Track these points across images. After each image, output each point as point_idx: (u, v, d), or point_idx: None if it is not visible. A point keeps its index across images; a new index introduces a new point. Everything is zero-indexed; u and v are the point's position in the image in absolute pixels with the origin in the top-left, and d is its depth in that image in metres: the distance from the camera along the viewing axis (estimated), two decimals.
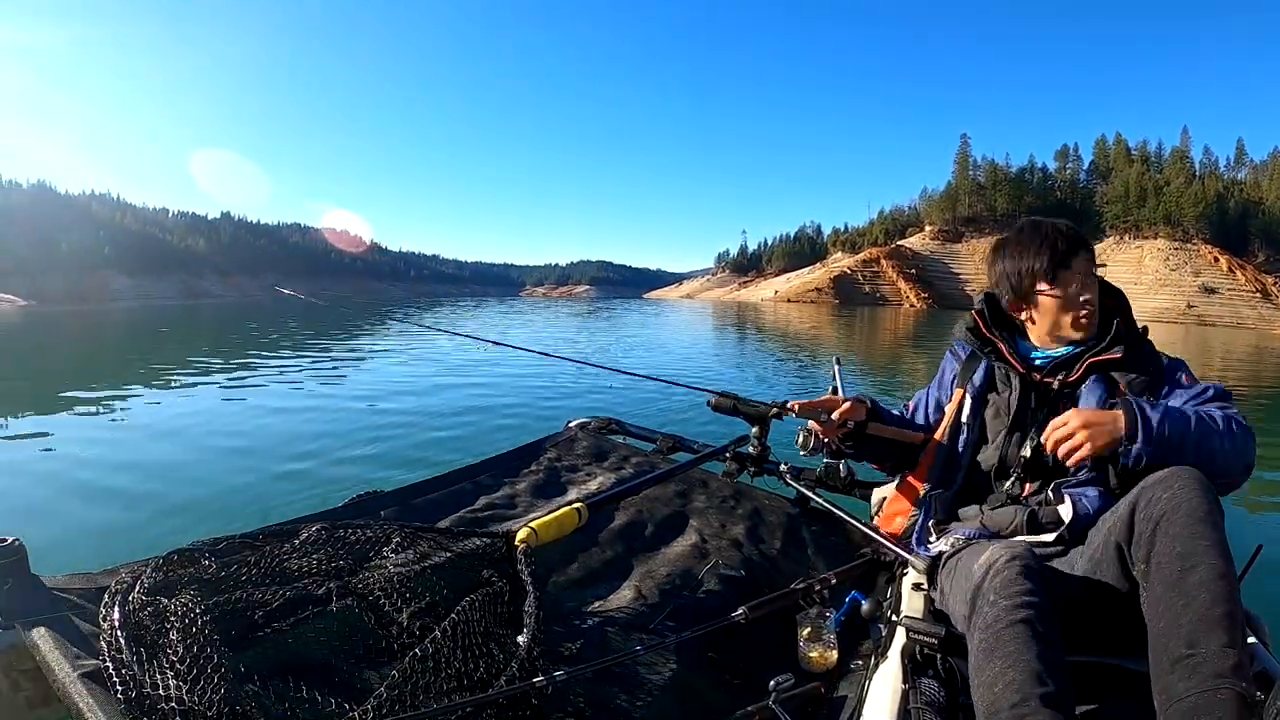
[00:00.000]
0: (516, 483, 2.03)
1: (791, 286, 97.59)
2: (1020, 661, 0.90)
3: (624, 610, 1.39)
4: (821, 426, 1.47)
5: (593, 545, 1.65)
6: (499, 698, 0.92)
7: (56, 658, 0.90)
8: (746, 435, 2.15)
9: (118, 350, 14.51)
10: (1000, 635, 0.94)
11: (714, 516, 1.91)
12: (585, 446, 2.39)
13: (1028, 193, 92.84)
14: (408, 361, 10.51)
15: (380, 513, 1.66)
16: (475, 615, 1.04)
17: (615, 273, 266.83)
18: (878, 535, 1.52)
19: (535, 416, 5.64)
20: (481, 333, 14.35)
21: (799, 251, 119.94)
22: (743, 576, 1.59)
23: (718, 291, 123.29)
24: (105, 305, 48.33)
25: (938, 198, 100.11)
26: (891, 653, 1.14)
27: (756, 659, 1.29)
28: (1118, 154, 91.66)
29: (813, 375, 10.29)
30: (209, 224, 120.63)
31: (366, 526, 1.28)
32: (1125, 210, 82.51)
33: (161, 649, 0.87)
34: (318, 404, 6.62)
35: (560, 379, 7.53)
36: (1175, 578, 0.91)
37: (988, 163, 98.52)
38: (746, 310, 50.91)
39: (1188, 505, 0.96)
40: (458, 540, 1.30)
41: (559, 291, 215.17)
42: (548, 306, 53.12)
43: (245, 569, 1.08)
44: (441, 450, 4.50)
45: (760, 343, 18.64)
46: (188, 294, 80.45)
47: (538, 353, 3.01)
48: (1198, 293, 70.33)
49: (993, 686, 0.90)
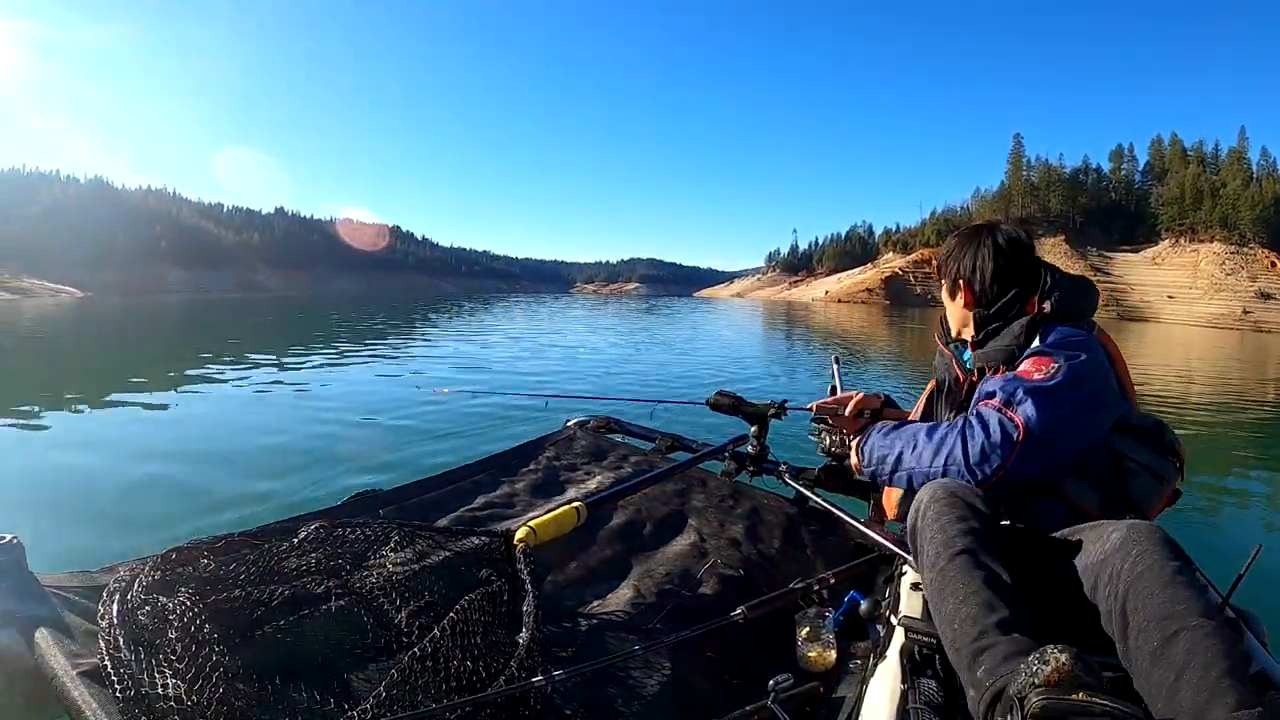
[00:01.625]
0: (515, 482, 2.03)
1: (842, 286, 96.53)
2: (970, 595, 0.92)
3: (623, 610, 1.39)
4: (839, 423, 1.56)
5: (591, 544, 1.65)
6: (497, 697, 0.92)
7: (55, 656, 0.90)
8: (745, 435, 2.15)
9: (142, 344, 14.59)
10: (944, 572, 0.96)
11: (713, 516, 1.91)
12: (584, 445, 2.39)
13: (1082, 193, 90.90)
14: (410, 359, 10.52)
15: (379, 511, 1.66)
16: (474, 614, 1.04)
17: (665, 270, 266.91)
18: (876, 535, 1.52)
19: (536, 416, 5.64)
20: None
21: (850, 251, 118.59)
22: (741, 576, 1.59)
23: (768, 291, 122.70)
24: (160, 297, 49.09)
25: (991, 198, 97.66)
26: (890, 652, 1.14)
27: (755, 659, 1.29)
28: (1173, 155, 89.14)
29: (855, 376, 10.17)
30: (262, 218, 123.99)
31: (365, 525, 1.28)
32: (1181, 213, 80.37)
33: (160, 648, 0.87)
34: (318, 404, 6.62)
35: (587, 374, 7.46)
36: (1159, 650, 0.84)
37: (1041, 163, 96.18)
38: (796, 310, 50.93)
39: (1153, 570, 0.90)
40: (456, 539, 1.30)
41: (609, 289, 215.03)
42: (603, 304, 52.92)
43: (244, 568, 1.08)
44: (440, 449, 4.50)
45: (806, 343, 18.70)
46: (242, 287, 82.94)
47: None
48: (1254, 298, 68.20)
49: (951, 624, 0.92)
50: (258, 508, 3.24)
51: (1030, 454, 1.13)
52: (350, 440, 4.85)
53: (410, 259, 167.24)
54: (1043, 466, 1.16)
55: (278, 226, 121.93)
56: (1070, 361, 1.18)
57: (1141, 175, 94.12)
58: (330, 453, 4.45)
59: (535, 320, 22.15)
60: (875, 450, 1.32)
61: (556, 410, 3.06)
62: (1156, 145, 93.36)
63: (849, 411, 1.56)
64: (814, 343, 19.06)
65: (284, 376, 8.39)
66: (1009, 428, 1.13)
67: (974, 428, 1.16)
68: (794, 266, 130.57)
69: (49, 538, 2.76)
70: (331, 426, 5.32)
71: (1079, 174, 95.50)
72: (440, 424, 5.39)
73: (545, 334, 16.95)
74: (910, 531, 1.06)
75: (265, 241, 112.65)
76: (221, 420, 5.67)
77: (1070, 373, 1.17)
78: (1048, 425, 1.13)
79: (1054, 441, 1.15)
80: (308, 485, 3.67)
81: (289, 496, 3.44)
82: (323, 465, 4.13)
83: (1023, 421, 1.13)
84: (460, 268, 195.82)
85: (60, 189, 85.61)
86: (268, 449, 4.55)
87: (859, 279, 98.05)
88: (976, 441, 1.15)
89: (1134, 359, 16.91)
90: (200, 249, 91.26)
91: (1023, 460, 1.13)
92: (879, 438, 1.33)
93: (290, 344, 12.98)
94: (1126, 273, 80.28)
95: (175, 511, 3.25)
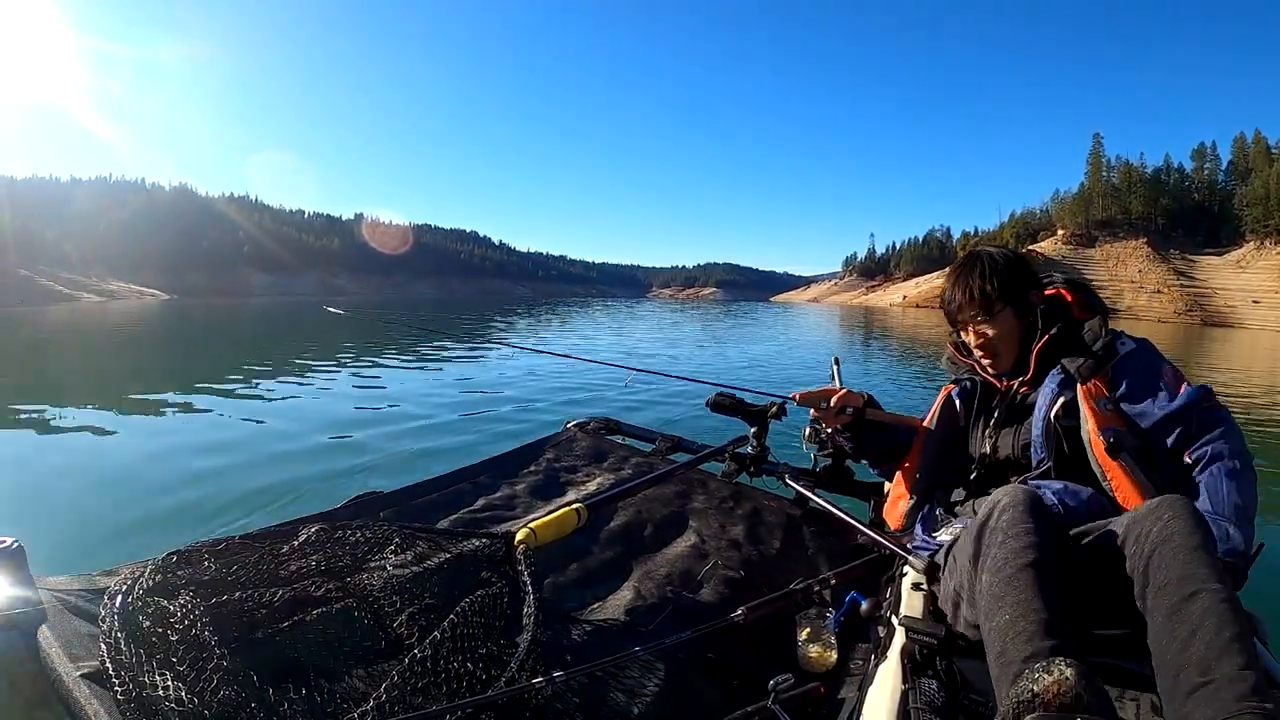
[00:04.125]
0: (515, 484, 2.03)
1: (920, 291, 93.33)
2: (1030, 611, 0.91)
3: (623, 611, 1.39)
4: (822, 415, 1.58)
5: (592, 546, 1.65)
6: (498, 699, 0.92)
7: (57, 658, 0.90)
8: (745, 436, 2.15)
9: (187, 348, 14.57)
10: (1010, 580, 0.95)
11: (713, 517, 1.91)
12: (584, 447, 2.39)
13: (1164, 194, 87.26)
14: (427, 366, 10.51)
15: (380, 513, 1.66)
16: (474, 616, 1.04)
17: (742, 275, 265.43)
18: (877, 535, 1.53)
19: (534, 416, 5.65)
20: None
21: (928, 255, 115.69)
22: (742, 577, 1.59)
23: (844, 295, 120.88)
24: (243, 300, 49.75)
25: (1070, 200, 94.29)
26: (891, 653, 1.14)
27: (756, 659, 1.29)
28: (1257, 153, 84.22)
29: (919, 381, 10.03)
30: (342, 224, 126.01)
31: (366, 527, 1.28)
32: (1266, 213, 76.29)
33: (161, 650, 0.87)
34: (317, 404, 6.62)
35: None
36: (1176, 606, 0.89)
37: (1122, 163, 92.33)
38: (874, 315, 50.09)
39: (1180, 535, 0.94)
40: (457, 541, 1.31)
41: (686, 293, 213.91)
42: (681, 309, 52.31)
43: (245, 570, 1.08)
44: (441, 451, 4.50)
45: (883, 349, 18.65)
46: (324, 290, 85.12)
47: None
48: None
49: (1004, 635, 0.91)
50: (258, 510, 3.24)
51: None
52: (351, 440, 4.85)
53: (487, 264, 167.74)
54: None
55: (357, 232, 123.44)
56: (1174, 368, 1.28)
57: (1225, 175, 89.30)
58: (330, 453, 4.45)
59: (593, 329, 21.66)
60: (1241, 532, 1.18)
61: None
62: (1239, 143, 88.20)
63: (833, 405, 1.59)
64: (890, 346, 18.91)
65: (296, 383, 8.39)
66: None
67: (1232, 462, 1.20)
68: (871, 271, 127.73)
69: (50, 540, 2.76)
70: (331, 427, 5.32)
71: (1160, 174, 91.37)
72: (441, 423, 5.39)
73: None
74: (979, 530, 1.05)
75: (345, 246, 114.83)
76: (222, 422, 5.67)
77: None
78: None
79: None
80: (308, 487, 3.67)
81: (290, 499, 3.43)
82: (322, 466, 4.13)
83: None
84: (537, 272, 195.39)
85: (147, 196, 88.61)
86: (269, 449, 4.55)
87: (937, 283, 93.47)
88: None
89: (1217, 364, 16.56)
90: (281, 254, 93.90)
91: None
92: (1232, 521, 1.19)
93: (334, 352, 12.66)
94: (1210, 276, 76.98)
95: (176, 514, 3.25)
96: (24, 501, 3.51)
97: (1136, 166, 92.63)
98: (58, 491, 3.69)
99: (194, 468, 4.08)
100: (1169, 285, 74.82)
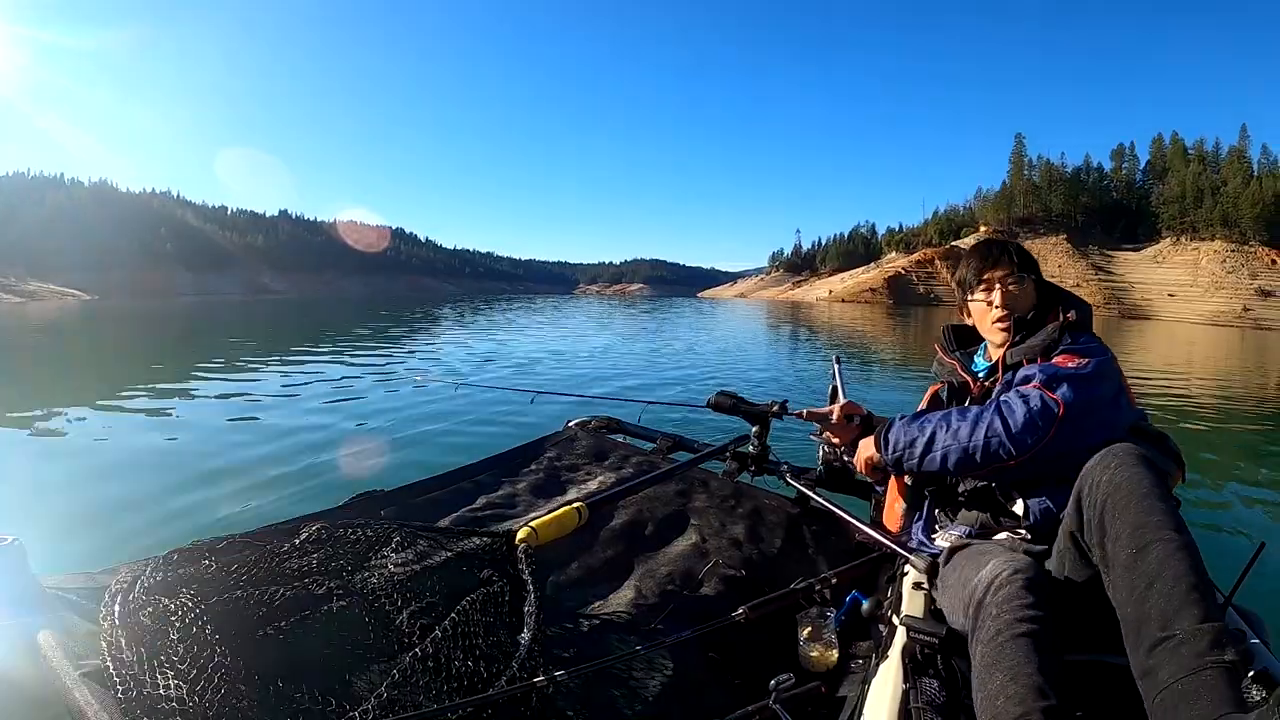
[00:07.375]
0: (516, 482, 2.03)
1: (845, 286, 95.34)
2: (1022, 675, 0.89)
3: (624, 610, 1.39)
4: (832, 431, 1.67)
5: (593, 545, 1.65)
6: (499, 698, 0.92)
7: (57, 657, 0.90)
8: (746, 435, 2.15)
9: (145, 347, 14.59)
10: (1003, 648, 0.93)
11: (714, 516, 1.91)
12: (585, 446, 2.39)
13: (1083, 193, 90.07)
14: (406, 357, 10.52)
15: (380, 512, 1.66)
16: (475, 615, 1.04)
17: (669, 271, 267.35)
18: (878, 535, 1.53)
19: (536, 415, 5.64)
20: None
21: (853, 251, 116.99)
22: (743, 576, 1.59)
23: (771, 291, 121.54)
24: (167, 301, 48.80)
25: (993, 198, 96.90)
26: (892, 652, 1.14)
27: (757, 659, 1.29)
28: (1174, 153, 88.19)
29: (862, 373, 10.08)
30: (267, 221, 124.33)
31: (366, 526, 1.28)
32: (1182, 211, 79.84)
33: (162, 649, 0.87)
34: (317, 404, 6.61)
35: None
36: (1131, 558, 0.90)
37: (1043, 162, 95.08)
38: (799, 310, 50.37)
39: (1129, 483, 0.96)
40: (458, 540, 1.30)
41: (613, 290, 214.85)
42: (605, 306, 51.86)
43: (245, 569, 1.08)
44: (441, 450, 4.50)
45: (809, 341, 18.68)
46: (249, 290, 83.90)
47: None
48: (1254, 296, 67.29)
49: (995, 700, 0.89)
50: (259, 509, 3.24)
51: (1066, 432, 1.20)
52: (351, 441, 4.85)
53: (414, 261, 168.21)
54: (1072, 446, 1.21)
55: (281, 230, 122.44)
56: (1098, 358, 1.30)
57: (1143, 174, 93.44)
58: (331, 453, 4.45)
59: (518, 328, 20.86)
60: (900, 436, 1.36)
61: (548, 409, 3.06)
62: (1157, 144, 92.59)
63: (836, 417, 1.66)
64: (817, 340, 19.02)
65: (283, 379, 8.39)
66: (1050, 404, 1.22)
67: (1012, 404, 1.24)
68: (797, 267, 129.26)
69: (50, 539, 2.76)
70: (333, 427, 5.32)
71: (1080, 173, 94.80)
72: (440, 424, 5.39)
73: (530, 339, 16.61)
74: (973, 604, 1.03)
75: (270, 244, 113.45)
76: (223, 422, 5.66)
77: (1099, 367, 1.28)
78: (1082, 407, 1.22)
79: (1085, 424, 1.22)
80: (308, 486, 3.67)
81: (290, 497, 3.44)
82: (324, 466, 4.14)
83: (1062, 400, 1.22)
84: (464, 269, 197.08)
85: (65, 192, 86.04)
86: (269, 450, 4.55)
87: (862, 278, 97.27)
88: (1017, 415, 1.22)
89: (1136, 356, 16.82)
90: (205, 252, 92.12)
91: (1060, 436, 1.20)
92: (903, 425, 1.37)
93: (289, 345, 12.94)
94: (1128, 271, 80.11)
95: (177, 513, 3.25)
96: (25, 501, 3.51)
97: (1057, 165, 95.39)
98: (59, 491, 3.69)
99: (194, 467, 4.08)
100: (1088, 280, 76.83)
